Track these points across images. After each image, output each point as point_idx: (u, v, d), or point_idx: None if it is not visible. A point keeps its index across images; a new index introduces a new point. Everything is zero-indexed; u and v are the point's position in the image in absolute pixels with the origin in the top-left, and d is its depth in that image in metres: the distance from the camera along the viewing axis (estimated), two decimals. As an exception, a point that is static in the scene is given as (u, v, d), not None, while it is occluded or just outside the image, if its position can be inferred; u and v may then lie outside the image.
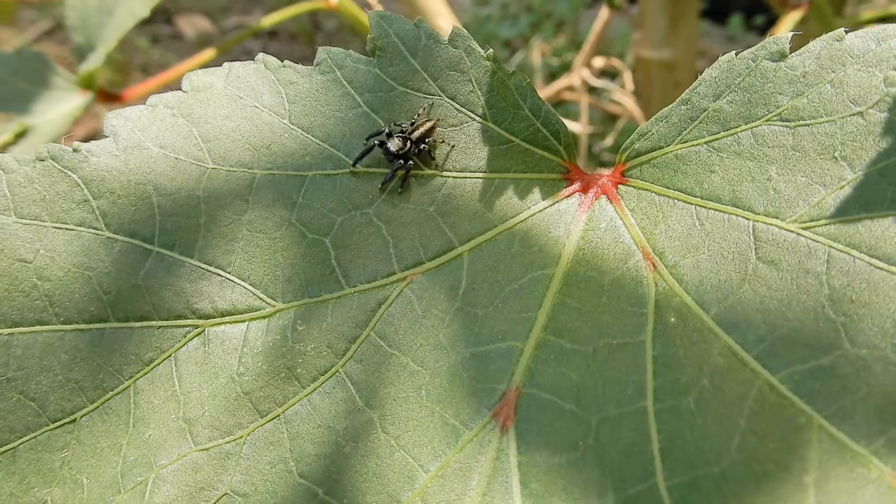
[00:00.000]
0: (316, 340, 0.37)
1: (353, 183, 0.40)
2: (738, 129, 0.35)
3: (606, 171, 0.41)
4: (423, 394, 0.36)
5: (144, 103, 0.42)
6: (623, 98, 1.28)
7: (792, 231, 0.32)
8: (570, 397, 0.33)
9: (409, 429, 0.35)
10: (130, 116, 0.41)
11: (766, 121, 0.34)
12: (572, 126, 1.39)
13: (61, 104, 0.96)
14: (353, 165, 0.40)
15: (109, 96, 0.94)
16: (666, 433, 0.30)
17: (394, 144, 0.39)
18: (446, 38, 0.40)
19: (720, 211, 0.34)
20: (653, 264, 0.35)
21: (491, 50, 0.40)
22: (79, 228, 0.39)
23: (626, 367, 0.33)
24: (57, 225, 0.39)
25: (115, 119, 0.41)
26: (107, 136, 0.41)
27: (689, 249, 0.35)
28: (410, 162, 0.40)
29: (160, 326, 0.38)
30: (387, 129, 0.40)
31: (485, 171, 0.41)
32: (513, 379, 0.35)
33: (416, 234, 0.39)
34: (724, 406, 0.30)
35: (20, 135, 0.90)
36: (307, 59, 0.41)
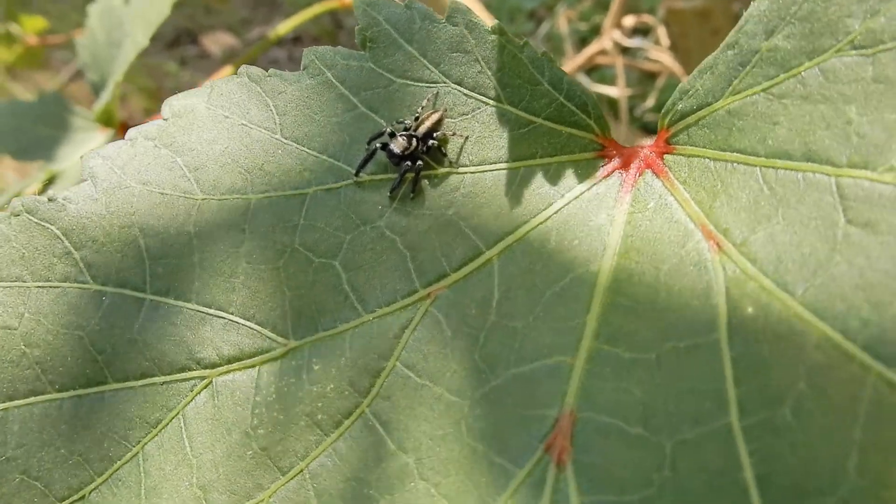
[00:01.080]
0: (336, 379, 0.33)
1: (359, 194, 0.35)
2: (802, 68, 0.29)
3: (648, 141, 0.35)
4: (464, 429, 0.30)
5: (125, 139, 0.38)
6: (660, 55, 1.20)
7: (888, 182, 0.26)
8: (635, 418, 0.27)
9: (450, 473, 0.30)
10: (109, 154, 0.37)
11: (836, 52, 0.28)
12: (610, 91, 1.32)
13: (84, 145, 0.94)
14: (357, 174, 0.35)
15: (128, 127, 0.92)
16: (760, 456, 0.24)
17: (397, 145, 0.34)
18: (443, 17, 0.35)
19: (792, 169, 0.28)
20: (717, 244, 0.29)
21: (496, 21, 0.35)
22: (63, 284, 0.35)
23: (700, 374, 0.27)
24: (40, 284, 0.35)
25: (93, 159, 0.37)
26: (85, 180, 0.37)
27: (758, 221, 0.28)
28: (419, 162, 0.35)
29: (164, 382, 0.34)
30: (388, 129, 0.35)
31: (507, 161, 0.35)
32: (565, 402, 0.29)
33: (437, 243, 0.34)
34: (830, 414, 0.24)
35: (48, 182, 0.88)
36: None
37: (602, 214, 0.33)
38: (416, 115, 0.35)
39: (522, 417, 0.29)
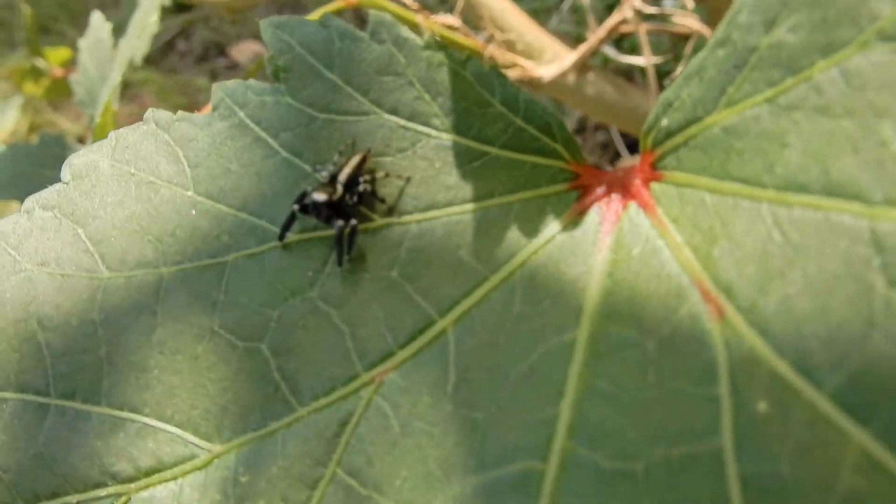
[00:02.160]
0: (266, 494, 0.27)
1: (286, 259, 0.29)
2: (816, 69, 0.21)
3: (630, 163, 0.28)
4: (417, 556, 0.24)
5: (21, 210, 0.33)
6: (685, 18, 1.11)
7: (943, 228, 0.19)
8: (620, 558, 0.21)
9: None
10: (2, 232, 0.32)
11: (861, 46, 0.21)
12: (637, 61, 1.23)
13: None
14: (281, 239, 0.29)
15: None
16: None
17: (319, 194, 0.28)
18: (366, 34, 0.29)
19: (810, 207, 0.21)
20: (717, 309, 0.22)
21: (429, 34, 0.28)
22: (-40, 392, 0.30)
23: (699, 499, 0.20)
24: (-65, 393, 0.30)
25: (-14, 239, 0.32)
26: (-23, 264, 0.32)
27: (770, 278, 0.21)
28: (353, 220, 0.28)
29: (77, 502, 0.29)
30: (308, 188, 0.29)
31: (459, 203, 0.29)
32: (535, 527, 0.23)
33: (380, 314, 0.28)
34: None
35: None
36: None
37: (578, 264, 0.27)
38: (334, 161, 0.29)
39: (485, 545, 0.23)
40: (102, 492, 0.29)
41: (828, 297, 0.20)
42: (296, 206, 0.28)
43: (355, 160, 0.28)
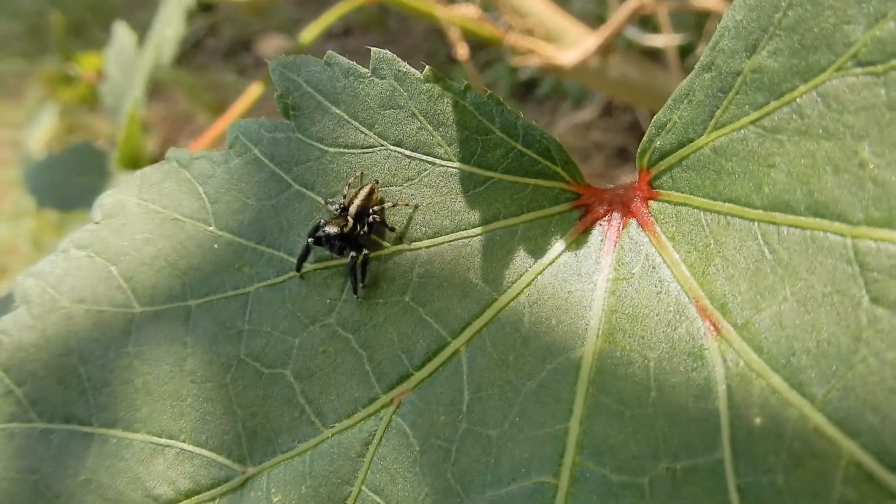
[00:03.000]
0: (297, 513, 0.29)
1: (304, 289, 0.31)
2: (796, 93, 0.22)
3: (630, 180, 0.29)
4: (440, 568, 0.26)
5: (57, 250, 0.35)
6: (705, -3, 1.10)
7: (920, 246, 0.19)
8: (627, 569, 0.22)
9: None
10: (42, 272, 0.34)
11: (837, 70, 0.21)
12: (655, 41, 1.22)
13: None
14: (298, 270, 0.31)
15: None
16: None
17: (332, 227, 0.29)
18: (368, 70, 0.30)
19: (797, 226, 0.22)
20: (714, 325, 0.23)
21: (428, 68, 0.29)
22: (11, 426, 0.32)
23: (701, 511, 0.21)
24: (-12, 427, 0.32)
25: (26, 280, 0.34)
26: (19, 305, 0.34)
27: (762, 295, 0.22)
28: (364, 251, 0.30)
29: (124, 524, 0.31)
30: (320, 220, 0.30)
31: (466, 228, 0.30)
32: (548, 539, 0.24)
33: (395, 337, 0.29)
34: (866, 584, 0.18)
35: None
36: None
37: (582, 283, 0.28)
38: (344, 193, 0.30)
39: (502, 557, 0.25)
40: (146, 514, 0.31)
41: (816, 313, 0.21)
42: (310, 240, 0.29)
43: (364, 192, 0.30)
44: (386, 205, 0.30)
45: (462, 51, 0.94)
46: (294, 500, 0.29)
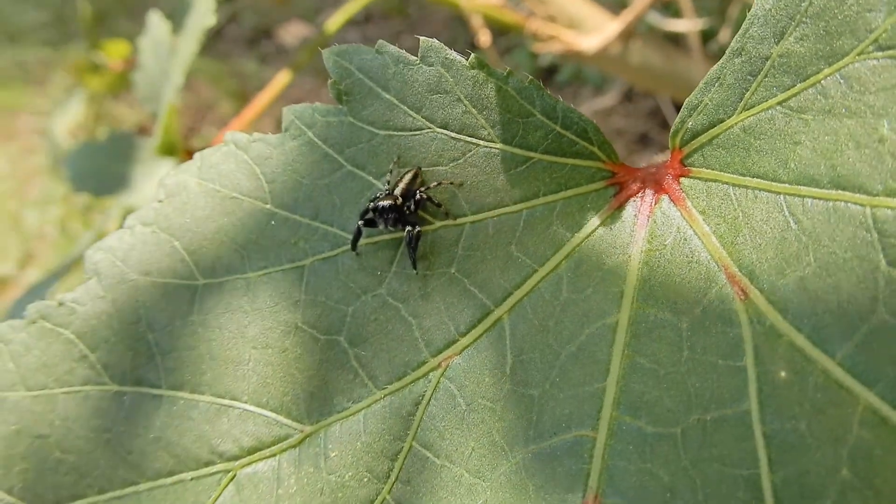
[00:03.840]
0: (354, 466, 0.31)
1: (356, 261, 0.33)
2: (821, 75, 0.24)
3: (662, 159, 0.31)
4: (487, 515, 0.28)
5: (124, 226, 0.37)
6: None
7: (934, 214, 0.21)
8: (662, 509, 0.24)
9: (476, 568, 0.28)
10: (110, 246, 0.36)
11: (859, 54, 0.23)
12: (678, 25, 1.23)
13: (152, 177, 0.97)
14: (353, 249, 0.33)
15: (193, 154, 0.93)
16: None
17: (384, 201, 0.32)
18: (417, 58, 0.32)
19: (820, 198, 0.24)
20: (742, 290, 0.25)
21: (473, 56, 0.31)
22: (85, 388, 0.35)
23: (730, 455, 0.23)
24: (65, 390, 0.35)
25: (96, 254, 0.36)
26: (90, 277, 0.36)
27: (787, 262, 0.24)
28: (417, 228, 0.32)
29: (192, 478, 0.34)
30: (370, 204, 0.32)
31: (507, 204, 0.32)
32: (588, 485, 0.26)
33: (442, 306, 0.32)
34: (881, 514, 0.20)
35: (126, 217, 0.91)
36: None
37: (617, 254, 0.30)
38: (387, 180, 0.32)
39: (546, 503, 0.27)
40: (212, 469, 0.33)
41: (838, 277, 0.23)
42: (361, 222, 0.32)
43: (408, 176, 0.32)
44: (431, 185, 0.32)
45: (484, 38, 0.96)
46: (350, 454, 0.31)
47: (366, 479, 0.31)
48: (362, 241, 0.33)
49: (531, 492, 0.27)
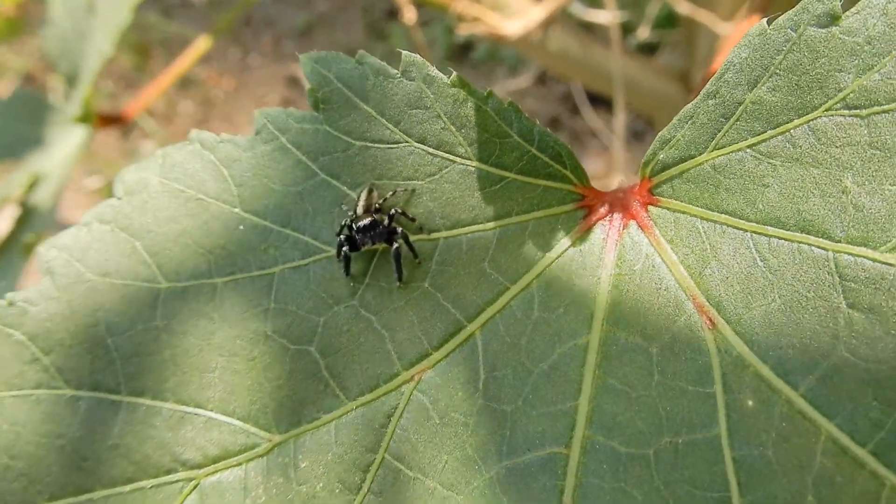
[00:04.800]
0: (325, 477, 0.31)
1: (329, 271, 0.33)
2: (791, 125, 0.26)
3: (630, 183, 0.33)
4: (459, 526, 0.29)
5: (80, 223, 0.36)
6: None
7: (891, 264, 0.24)
8: (634, 526, 0.26)
9: (449, 578, 0.29)
10: (65, 244, 0.35)
11: (826, 111, 0.25)
12: (598, 17, 1.26)
13: (63, 142, 0.92)
14: (347, 275, 0.33)
15: (110, 120, 0.89)
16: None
17: (363, 220, 0.32)
18: (398, 71, 0.32)
19: (785, 239, 0.26)
20: (710, 320, 0.27)
21: (455, 74, 0.32)
22: (37, 392, 0.34)
23: (701, 478, 0.25)
24: (14, 393, 0.34)
25: (49, 251, 0.35)
26: (43, 276, 0.35)
27: (753, 296, 0.26)
28: (396, 243, 0.32)
29: (152, 486, 0.33)
30: (346, 221, 0.33)
31: (481, 221, 0.33)
32: (562, 501, 0.28)
33: (415, 319, 0.32)
34: (840, 537, 0.22)
35: (31, 187, 0.86)
36: None
37: (587, 276, 0.31)
38: (347, 208, 0.33)
39: (518, 516, 0.28)
40: (174, 476, 0.33)
41: (801, 314, 0.25)
42: (346, 248, 0.32)
43: (364, 193, 0.32)
44: (388, 195, 0.33)
45: (409, 14, 0.96)
46: (321, 465, 0.32)
47: (337, 491, 0.31)
48: (330, 252, 0.33)
49: (504, 505, 0.29)
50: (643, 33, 1.47)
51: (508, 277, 0.32)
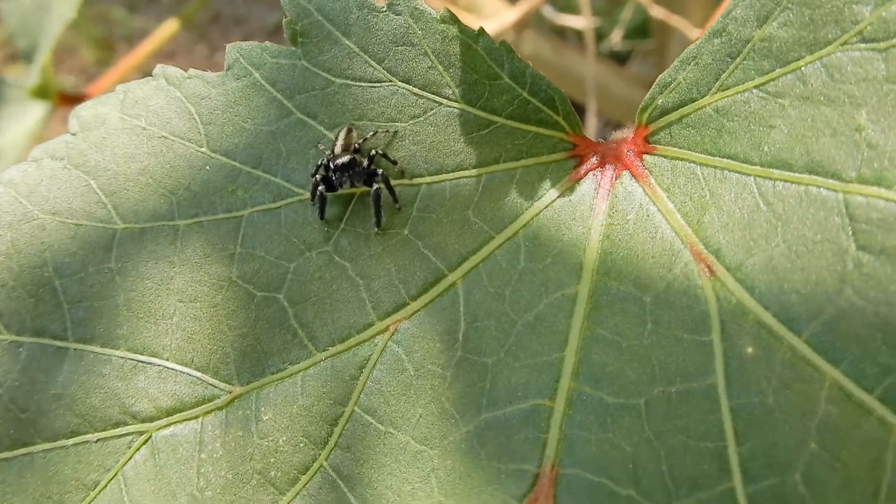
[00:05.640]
0: (288, 430, 0.29)
1: (302, 215, 0.31)
2: (802, 62, 0.25)
3: (624, 134, 0.31)
4: (434, 483, 0.27)
5: (28, 159, 0.33)
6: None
7: (905, 202, 0.22)
8: (625, 478, 0.24)
9: (421, 538, 0.27)
10: (11, 180, 0.32)
11: (842, 45, 0.24)
12: (575, 21, 1.26)
13: (19, 119, 0.88)
14: (322, 218, 0.31)
15: (72, 99, 0.85)
16: (771, 536, 0.22)
17: (340, 158, 0.30)
18: (383, 4, 0.30)
19: (792, 182, 0.25)
20: (708, 267, 0.26)
21: (445, 9, 0.30)
22: (-27, 336, 0.31)
23: (696, 427, 0.24)
24: (-54, 337, 0.31)
25: (-7, 187, 0.32)
26: (-14, 212, 0.32)
27: (755, 242, 0.25)
28: (380, 171, 0.30)
29: (98, 440, 0.30)
30: (323, 161, 0.30)
31: (467, 168, 0.31)
32: (545, 455, 0.26)
33: (392, 268, 0.30)
34: (848, 485, 0.21)
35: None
36: None
37: (577, 226, 0.30)
38: (323, 147, 0.31)
39: (498, 472, 0.26)
40: (123, 430, 0.30)
41: (806, 259, 0.24)
42: (322, 188, 0.30)
43: (343, 132, 0.30)
44: (368, 135, 0.31)
45: None
46: (285, 418, 0.29)
47: (302, 445, 0.29)
48: (308, 193, 0.31)
49: (483, 460, 0.27)
50: (616, 38, 1.47)
51: (493, 226, 0.30)
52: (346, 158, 0.29)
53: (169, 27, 0.85)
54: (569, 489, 0.25)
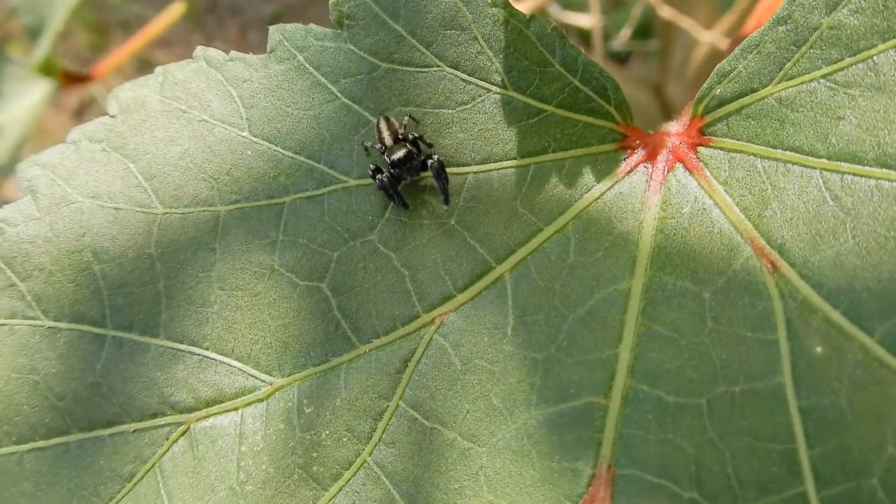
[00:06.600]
0: (331, 424, 0.29)
1: (346, 203, 0.30)
2: (874, 51, 0.24)
3: (676, 127, 0.30)
4: (482, 481, 0.27)
5: (65, 141, 0.33)
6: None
7: None
8: (687, 480, 0.23)
9: (470, 536, 0.26)
10: (49, 162, 0.32)
11: (920, 33, 0.23)
12: (582, 20, 1.25)
13: (22, 97, 0.87)
14: (406, 208, 0.30)
15: (76, 78, 0.84)
16: (848, 545, 0.21)
17: (401, 154, 0.29)
18: (435, -13, 0.30)
19: (862, 176, 0.24)
20: (771, 263, 0.25)
21: (496, -8, 0.29)
22: (10, 322, 0.30)
23: (763, 429, 0.23)
24: (-17, 322, 0.30)
25: (31, 169, 0.31)
26: (23, 195, 0.31)
27: (822, 237, 0.24)
28: (437, 157, 0.29)
29: (135, 430, 0.30)
30: (371, 167, 0.30)
31: (515, 157, 0.30)
32: (600, 454, 0.25)
33: (438, 259, 0.30)
34: (930, 491, 0.20)
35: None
36: None
37: (628, 219, 0.29)
38: (370, 143, 0.30)
39: (552, 471, 0.26)
40: (161, 420, 0.30)
41: (878, 255, 0.23)
42: (375, 176, 0.29)
43: (384, 124, 0.29)
44: (404, 121, 0.30)
45: None
46: (328, 411, 0.29)
47: (345, 439, 0.28)
48: (353, 181, 0.30)
49: (535, 459, 0.26)
50: (624, 37, 1.46)
51: (542, 218, 0.30)
52: (402, 153, 0.29)
53: (175, 10, 0.84)
54: (627, 490, 0.24)
